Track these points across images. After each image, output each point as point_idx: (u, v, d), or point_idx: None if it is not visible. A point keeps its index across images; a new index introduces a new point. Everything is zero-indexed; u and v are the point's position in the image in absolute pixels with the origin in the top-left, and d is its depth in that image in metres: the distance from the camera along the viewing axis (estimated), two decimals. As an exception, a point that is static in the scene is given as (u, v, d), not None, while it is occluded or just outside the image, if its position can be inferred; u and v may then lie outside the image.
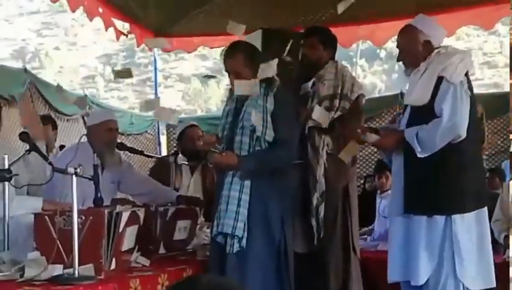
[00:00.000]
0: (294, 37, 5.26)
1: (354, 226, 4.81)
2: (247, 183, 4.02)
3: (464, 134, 3.88)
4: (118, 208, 3.73)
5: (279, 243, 4.07)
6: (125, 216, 3.68)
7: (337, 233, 4.72)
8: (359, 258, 4.82)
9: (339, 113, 4.70)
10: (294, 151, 4.18)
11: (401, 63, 4.26)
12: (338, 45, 6.33)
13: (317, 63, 4.82)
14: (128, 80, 27.17)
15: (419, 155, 3.90)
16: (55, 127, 6.32)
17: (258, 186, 4.03)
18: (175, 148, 5.66)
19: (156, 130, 9.21)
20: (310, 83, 4.76)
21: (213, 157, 4.16)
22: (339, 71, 4.81)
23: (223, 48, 4.32)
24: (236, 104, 4.18)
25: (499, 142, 8.33)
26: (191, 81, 27.87)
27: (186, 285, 1.80)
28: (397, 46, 4.23)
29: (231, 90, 4.26)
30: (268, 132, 4.03)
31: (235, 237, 3.97)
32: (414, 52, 4.08)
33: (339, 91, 4.72)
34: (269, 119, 4.04)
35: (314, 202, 4.65)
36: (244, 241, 3.97)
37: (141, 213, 3.98)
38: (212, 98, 28.18)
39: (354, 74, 5.22)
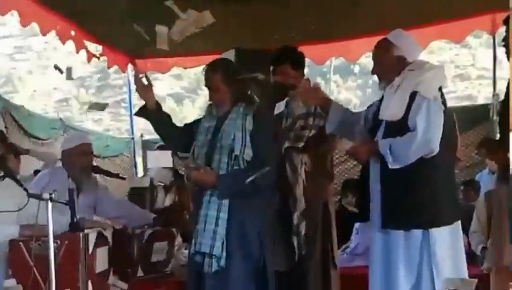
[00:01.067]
0: (266, 57, 5.30)
1: (333, 241, 4.81)
2: (226, 202, 4.01)
3: (436, 149, 3.89)
4: (86, 230, 3.73)
5: (258, 262, 4.06)
6: (92, 237, 3.68)
7: (317, 250, 4.71)
8: (338, 273, 4.82)
9: (313, 131, 4.71)
10: (273, 171, 4.18)
11: (375, 76, 4.28)
12: (312, 62, 6.36)
13: (288, 83, 4.83)
14: (103, 102, 27.12)
15: (390, 166, 3.90)
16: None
17: (236, 205, 4.02)
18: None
19: (132, 152, 9.18)
20: (284, 103, 4.77)
21: (192, 174, 4.14)
22: None
23: (203, 65, 4.35)
24: (216, 122, 4.18)
25: (473, 154, 8.38)
26: (166, 100, 27.80)
27: None
28: (372, 59, 4.25)
29: (210, 106, 4.29)
30: (247, 151, 4.04)
31: (213, 257, 3.95)
32: (388, 66, 4.08)
33: (313, 109, 4.73)
34: (248, 138, 4.05)
35: (295, 221, 4.64)
36: (222, 260, 3.95)
37: (108, 233, 3.99)
38: (187, 118, 28.20)
39: (328, 90, 5.24)
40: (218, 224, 3.97)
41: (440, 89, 4.04)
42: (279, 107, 4.77)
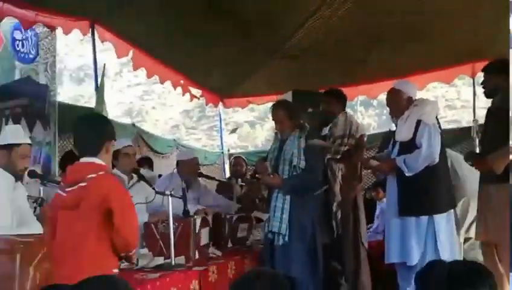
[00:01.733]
0: (313, 96, 5.28)
1: (362, 226, 4.72)
2: (288, 197, 4.03)
3: (437, 159, 3.90)
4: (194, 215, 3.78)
5: (311, 238, 4.06)
6: (198, 221, 3.71)
7: (349, 229, 4.65)
8: (366, 249, 4.72)
9: (347, 147, 4.67)
10: (319, 175, 4.18)
11: (387, 108, 4.27)
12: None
13: (332, 113, 4.79)
14: (201, 127, 27.44)
15: (406, 174, 3.91)
16: (151, 165, 6.38)
17: (296, 199, 4.04)
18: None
19: (222, 161, 9.23)
20: (328, 128, 4.74)
21: (264, 179, 4.19)
22: (348, 118, 4.77)
23: (271, 104, 4.39)
24: (280, 143, 4.22)
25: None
26: (243, 126, 27.97)
27: (252, 275, 1.78)
28: (387, 105, 4.23)
29: (276, 134, 4.34)
30: (302, 162, 4.07)
31: (281, 234, 3.98)
32: (400, 106, 4.10)
33: (348, 132, 4.69)
34: (302, 153, 4.07)
35: (334, 209, 4.60)
36: (287, 237, 3.99)
37: (209, 218, 4.01)
38: (258, 138, 28.37)
39: (357, 119, 5.17)
40: (283, 212, 3.99)
41: (436, 117, 4.00)
42: (325, 130, 4.74)
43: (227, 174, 8.83)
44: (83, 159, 2.61)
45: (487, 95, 4.06)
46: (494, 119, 3.96)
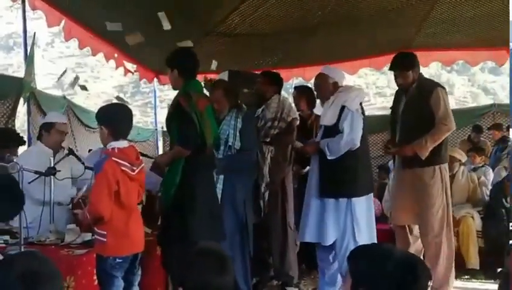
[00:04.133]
0: (250, 76, 5.29)
1: (289, 207, 4.76)
2: (221, 176, 4.03)
3: (358, 144, 3.98)
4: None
5: (242, 217, 4.09)
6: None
7: (278, 210, 4.70)
8: (293, 230, 4.76)
9: (277, 130, 4.71)
10: (254, 157, 4.20)
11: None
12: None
13: (265, 95, 4.82)
14: (135, 103, 26.90)
15: (328, 158, 3.97)
16: None
17: (228, 179, 4.04)
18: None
19: (155, 138, 9.11)
20: (260, 109, 4.76)
21: None
22: (281, 101, 4.80)
23: (203, 82, 4.33)
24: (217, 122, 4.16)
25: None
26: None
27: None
28: (314, 89, 4.29)
29: None
30: (237, 143, 4.08)
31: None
32: (326, 90, 4.13)
33: (279, 115, 4.72)
34: (238, 134, 4.07)
35: (262, 189, 4.64)
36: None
37: (144, 196, 3.95)
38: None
39: (291, 99, 5.23)
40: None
41: (360, 104, 4.08)
42: (258, 112, 4.76)
43: (161, 152, 8.75)
44: (126, 142, 3.17)
45: (402, 89, 4.38)
46: (411, 110, 4.29)
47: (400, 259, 1.42)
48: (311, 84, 4.90)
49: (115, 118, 3.18)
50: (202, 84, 4.21)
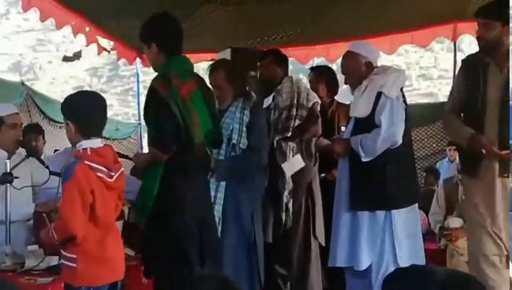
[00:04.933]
0: (258, 55, 5.28)
1: (317, 216, 4.79)
2: (223, 183, 4.01)
3: (399, 141, 3.93)
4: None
5: (249, 236, 4.09)
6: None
7: (300, 223, 4.73)
8: (320, 244, 4.79)
9: (298, 121, 4.71)
10: (265, 157, 4.19)
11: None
12: (296, 61, 6.28)
13: (273, 80, 4.81)
14: (113, 90, 26.96)
15: (363, 159, 3.94)
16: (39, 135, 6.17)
17: (232, 186, 4.03)
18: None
19: (139, 134, 9.12)
20: (271, 97, 4.76)
21: None
22: (294, 84, 4.81)
23: (208, 64, 4.33)
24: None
25: (434, 145, 8.40)
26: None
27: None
28: (342, 72, 4.25)
29: None
30: (243, 140, 4.06)
31: (212, 229, 3.97)
32: (358, 73, 4.10)
33: (295, 101, 4.73)
34: (244, 129, 4.06)
35: (284, 199, 4.66)
36: (218, 232, 3.93)
37: (125, 209, 3.94)
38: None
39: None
40: (215, 202, 3.96)
41: (401, 89, 4.06)
42: (267, 101, 4.76)
43: (145, 151, 8.78)
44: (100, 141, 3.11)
45: (482, 48, 4.02)
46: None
47: (447, 280, 1.43)
48: (337, 65, 4.90)
49: (84, 110, 3.10)
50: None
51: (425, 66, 25.84)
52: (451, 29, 6.99)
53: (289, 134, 4.70)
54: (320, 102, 4.92)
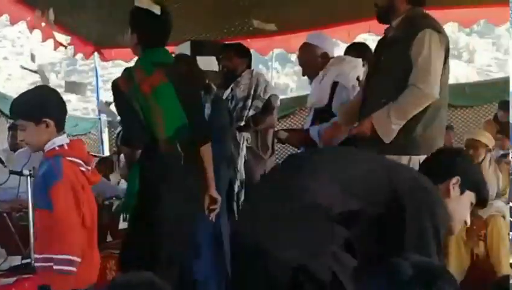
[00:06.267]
0: (218, 48, 5.26)
1: None
2: None
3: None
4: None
5: (217, 227, 4.13)
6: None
7: None
8: None
9: (252, 111, 4.72)
10: (229, 148, 4.19)
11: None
12: (256, 52, 6.26)
13: (235, 72, 4.81)
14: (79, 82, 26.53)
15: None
16: None
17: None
18: (115, 148, 5.51)
19: (99, 130, 9.00)
20: (229, 89, 4.75)
21: None
22: (254, 76, 4.82)
23: None
24: None
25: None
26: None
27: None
28: (299, 64, 4.26)
29: None
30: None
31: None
32: (314, 64, 4.14)
33: (252, 92, 4.74)
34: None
35: (236, 188, 4.65)
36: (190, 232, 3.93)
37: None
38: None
39: (269, 76, 5.26)
40: None
41: (358, 78, 4.09)
42: (226, 93, 4.75)
43: (106, 148, 8.70)
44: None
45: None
46: (386, 61, 3.53)
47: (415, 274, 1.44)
48: (294, 55, 4.90)
49: (62, 104, 2.96)
50: None
51: (383, 55, 26.18)
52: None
53: (242, 123, 4.69)
54: (278, 96, 4.92)
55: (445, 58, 3.37)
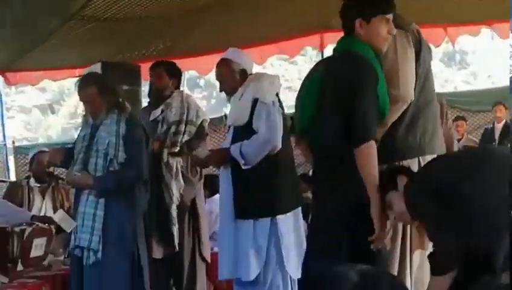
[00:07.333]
0: (130, 69, 5.17)
1: (203, 234, 4.71)
2: (102, 200, 3.87)
3: (279, 145, 3.90)
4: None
5: (133, 254, 3.95)
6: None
7: (184, 241, 4.61)
8: (208, 262, 4.73)
9: (186, 136, 4.62)
10: (144, 170, 4.07)
11: (218, 87, 4.29)
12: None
13: (164, 92, 4.70)
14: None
15: (244, 167, 3.88)
16: None
17: (112, 203, 3.89)
18: (25, 173, 5.27)
19: (4, 156, 8.66)
20: (159, 110, 4.65)
21: (70, 177, 4.03)
22: (184, 99, 4.71)
23: (71, 77, 4.18)
24: (92, 129, 4.02)
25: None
26: (32, 111, 26.65)
27: None
28: (217, 79, 4.21)
29: (85, 118, 4.13)
30: (120, 154, 3.92)
31: (91, 250, 3.81)
32: (232, 80, 4.07)
33: (185, 117, 4.63)
34: (121, 142, 3.92)
35: (173, 213, 4.52)
36: (99, 253, 3.82)
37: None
38: (52, 127, 27.23)
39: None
40: (95, 220, 3.83)
41: (277, 94, 4.08)
42: (155, 114, 4.64)
43: (13, 174, 8.39)
44: None
45: None
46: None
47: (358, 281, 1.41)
48: (205, 80, 4.86)
49: None
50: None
51: (291, 79, 26.58)
52: (318, 40, 7.19)
53: (177, 149, 4.59)
54: (208, 120, 4.88)
55: (418, 53, 3.17)
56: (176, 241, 4.51)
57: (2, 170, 8.48)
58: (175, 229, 4.51)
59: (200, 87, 28.06)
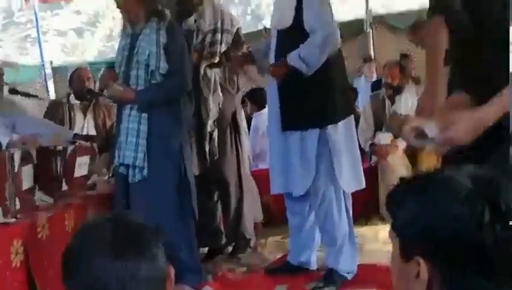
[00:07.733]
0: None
1: (243, 148, 4.65)
2: (145, 115, 3.72)
3: (339, 39, 3.74)
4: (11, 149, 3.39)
5: (180, 168, 3.82)
6: (17, 156, 3.27)
7: (228, 154, 4.53)
8: (251, 178, 4.72)
9: (224, 46, 4.43)
10: (188, 81, 3.89)
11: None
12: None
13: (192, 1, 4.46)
14: (10, 39, 25.77)
15: (306, 74, 3.68)
16: None
17: (156, 117, 3.74)
18: (67, 92, 5.12)
19: (43, 77, 8.61)
20: (192, 19, 4.41)
21: (111, 92, 3.86)
22: (216, 7, 4.50)
23: None
24: (131, 39, 3.82)
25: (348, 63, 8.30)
26: (68, 34, 26.72)
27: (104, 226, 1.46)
28: None
29: (124, 28, 3.94)
30: (162, 64, 3.73)
31: (137, 167, 3.70)
32: None
33: (219, 25, 4.43)
34: (162, 52, 3.73)
35: (209, 128, 4.40)
36: (145, 171, 3.70)
37: (33, 152, 3.57)
38: (88, 50, 27.37)
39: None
40: (139, 136, 3.70)
41: None
42: (189, 23, 4.42)
43: (52, 94, 8.38)
44: None
45: None
46: None
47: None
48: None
49: None
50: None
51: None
52: None
53: (216, 60, 4.41)
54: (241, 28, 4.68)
55: None
56: (208, 158, 4.41)
57: (42, 93, 8.46)
58: (207, 146, 4.40)
59: (235, 3, 27.67)
